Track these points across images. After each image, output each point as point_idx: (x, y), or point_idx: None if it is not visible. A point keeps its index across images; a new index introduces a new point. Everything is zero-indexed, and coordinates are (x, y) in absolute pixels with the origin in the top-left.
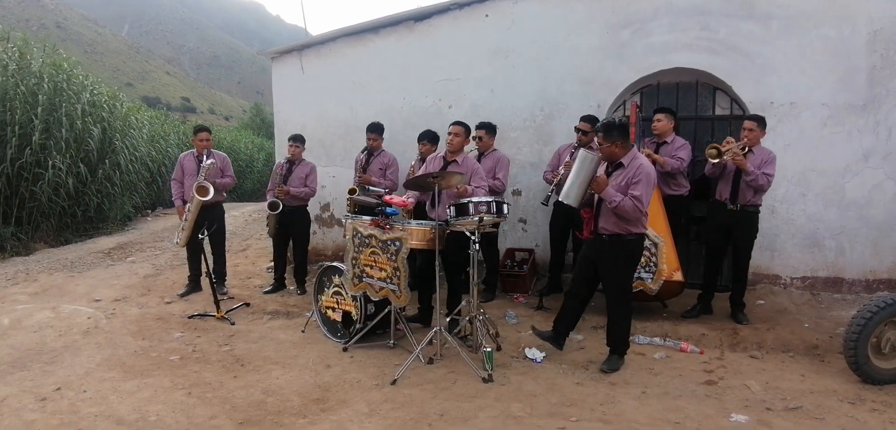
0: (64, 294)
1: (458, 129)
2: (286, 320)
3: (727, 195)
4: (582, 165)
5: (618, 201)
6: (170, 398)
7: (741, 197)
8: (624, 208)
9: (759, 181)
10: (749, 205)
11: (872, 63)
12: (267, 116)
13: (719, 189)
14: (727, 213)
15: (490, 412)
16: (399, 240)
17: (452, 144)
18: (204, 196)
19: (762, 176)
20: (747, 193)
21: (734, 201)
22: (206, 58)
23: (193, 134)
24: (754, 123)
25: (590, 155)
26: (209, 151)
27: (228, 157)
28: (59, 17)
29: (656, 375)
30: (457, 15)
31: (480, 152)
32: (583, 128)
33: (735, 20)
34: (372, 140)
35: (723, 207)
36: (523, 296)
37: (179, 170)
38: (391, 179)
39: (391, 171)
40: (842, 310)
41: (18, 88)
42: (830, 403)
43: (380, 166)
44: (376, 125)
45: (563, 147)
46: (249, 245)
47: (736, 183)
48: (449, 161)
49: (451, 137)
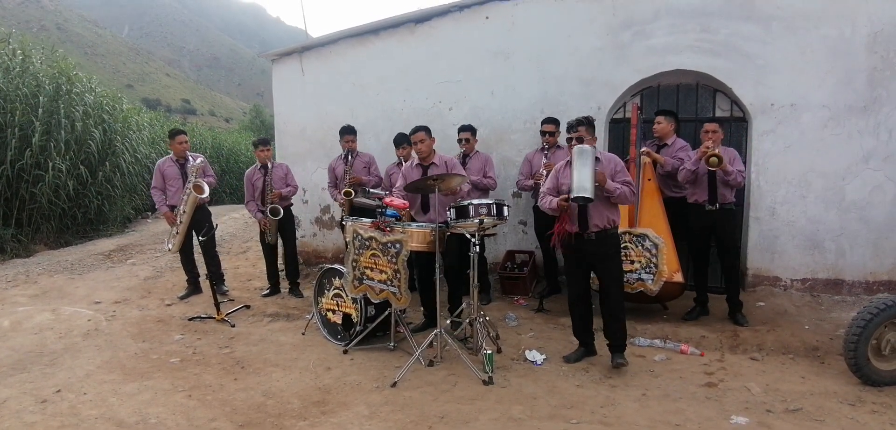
0: (64, 296)
1: (422, 135)
2: (286, 322)
3: (705, 198)
4: (585, 158)
5: (620, 189)
6: (170, 400)
7: (720, 197)
8: (624, 195)
9: (737, 180)
10: (727, 203)
11: (873, 64)
12: (266, 117)
13: (693, 193)
14: (707, 214)
15: (490, 414)
16: (399, 242)
17: (422, 150)
18: (202, 194)
19: (739, 174)
20: (726, 192)
21: (713, 202)
22: (207, 59)
23: (170, 138)
24: (716, 124)
25: (589, 148)
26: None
27: (207, 159)
28: (59, 18)
29: (657, 377)
30: (457, 17)
31: (466, 154)
32: (548, 129)
33: (735, 21)
34: (350, 142)
35: (701, 210)
36: (524, 298)
37: (159, 177)
38: (376, 175)
39: (374, 168)
40: (842, 312)
41: (19, 89)
42: (831, 405)
43: (363, 165)
44: (351, 128)
45: (531, 153)
46: (249, 247)
47: (712, 185)
48: (427, 165)
49: (419, 145)
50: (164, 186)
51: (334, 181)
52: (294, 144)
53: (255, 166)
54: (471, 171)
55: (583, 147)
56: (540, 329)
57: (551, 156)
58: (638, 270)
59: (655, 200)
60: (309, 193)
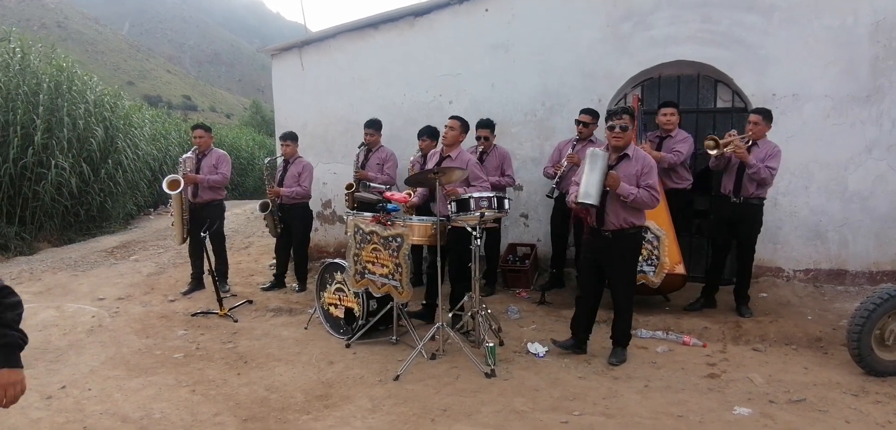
0: (68, 293)
1: (455, 123)
2: (289, 317)
3: (731, 188)
4: (595, 162)
5: (635, 194)
6: (174, 395)
7: (744, 190)
8: (642, 199)
9: (761, 174)
10: (752, 198)
11: (875, 54)
12: (267, 113)
13: (723, 183)
14: (730, 206)
15: (493, 406)
16: (401, 236)
17: (447, 136)
18: (173, 190)
19: (765, 169)
20: (750, 186)
21: (737, 194)
22: (207, 55)
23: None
24: (759, 115)
25: (600, 152)
26: (204, 149)
27: (228, 155)
28: (59, 16)
29: (659, 368)
30: (457, 10)
31: (483, 151)
32: (584, 120)
33: (737, 11)
34: (369, 136)
35: (726, 201)
36: (525, 291)
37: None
38: (389, 174)
39: (389, 166)
40: (845, 302)
41: (20, 87)
42: (834, 395)
43: (377, 162)
44: (374, 121)
45: (563, 142)
46: (252, 243)
47: (739, 176)
48: (444, 156)
49: (447, 131)
50: None
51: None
52: None
53: (278, 157)
54: (488, 168)
55: (595, 151)
56: (542, 322)
57: (579, 149)
58: (640, 262)
59: None
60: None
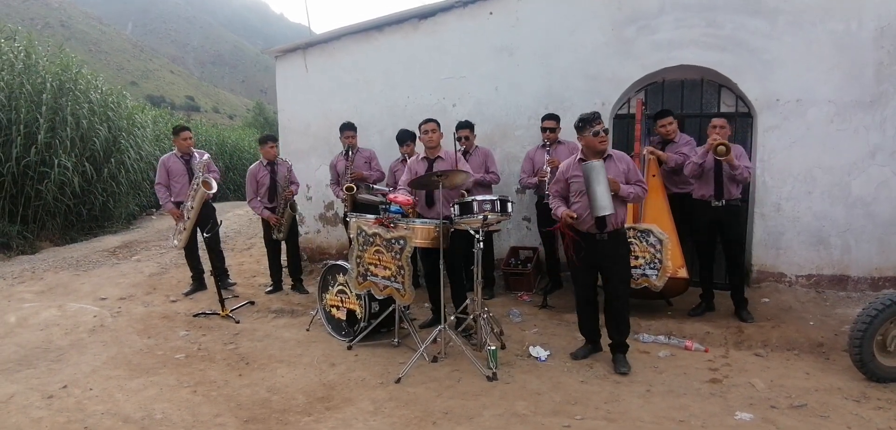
0: (70, 293)
1: (433, 124)
2: (291, 318)
3: (711, 193)
4: (598, 174)
5: (634, 192)
6: (175, 396)
7: (726, 193)
8: (637, 196)
9: (744, 175)
10: (733, 199)
11: (879, 59)
12: (269, 114)
13: (699, 188)
14: (712, 210)
15: (494, 410)
16: (403, 238)
17: (432, 140)
18: (210, 189)
19: (745, 169)
20: (731, 188)
21: (719, 198)
22: (210, 56)
23: (175, 135)
24: (724, 119)
25: (597, 164)
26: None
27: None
28: (63, 15)
29: (661, 373)
30: (461, 12)
31: (466, 151)
32: (549, 125)
33: (741, 16)
34: (350, 138)
35: (707, 205)
36: (528, 294)
37: (163, 173)
38: (378, 170)
39: (375, 163)
40: (847, 308)
41: (24, 87)
42: (835, 401)
43: (364, 160)
44: (351, 124)
45: (532, 149)
46: (254, 244)
47: (718, 180)
48: (433, 159)
49: (430, 135)
50: (168, 183)
51: (336, 178)
52: (298, 141)
53: (260, 163)
54: (472, 166)
55: (593, 164)
56: (544, 325)
57: (553, 152)
58: (642, 265)
59: (660, 196)
60: (313, 190)
